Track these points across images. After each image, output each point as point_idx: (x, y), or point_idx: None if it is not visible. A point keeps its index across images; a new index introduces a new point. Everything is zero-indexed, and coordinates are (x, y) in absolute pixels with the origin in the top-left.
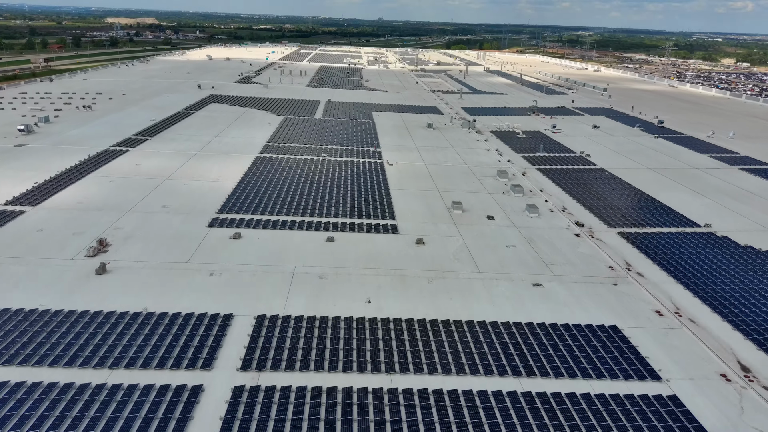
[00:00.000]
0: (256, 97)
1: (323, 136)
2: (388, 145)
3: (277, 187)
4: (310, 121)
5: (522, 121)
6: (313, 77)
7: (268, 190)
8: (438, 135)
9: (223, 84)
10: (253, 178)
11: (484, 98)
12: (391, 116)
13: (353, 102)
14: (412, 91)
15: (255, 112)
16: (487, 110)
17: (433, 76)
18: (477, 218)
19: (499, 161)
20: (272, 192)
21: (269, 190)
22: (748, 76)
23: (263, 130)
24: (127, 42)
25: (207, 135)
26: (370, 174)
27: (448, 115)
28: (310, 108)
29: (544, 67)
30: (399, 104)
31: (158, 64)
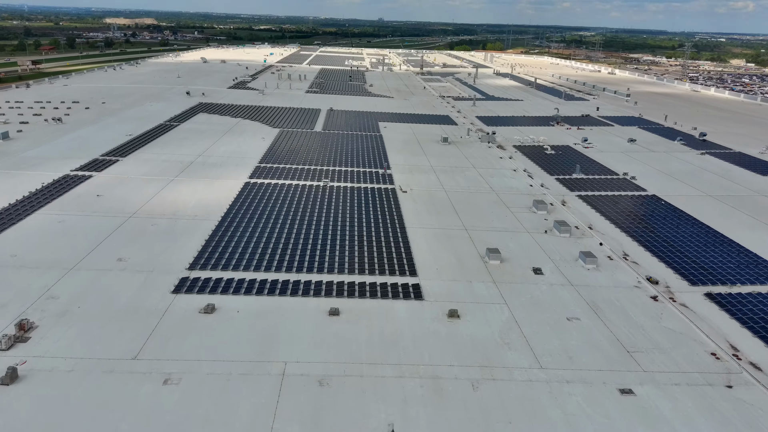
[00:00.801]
0: (250, 105)
1: (324, 154)
2: (400, 164)
3: (267, 228)
4: (309, 134)
5: (546, 133)
6: (313, 82)
7: (256, 233)
8: (455, 151)
9: (215, 90)
10: (239, 215)
11: (499, 105)
12: (399, 127)
13: (357, 110)
14: (420, 97)
15: (247, 124)
16: (504, 120)
17: (440, 80)
18: (521, 272)
19: (531, 186)
20: (260, 235)
21: (257, 233)
22: (762, 78)
23: (255, 147)
24: (123, 43)
25: (189, 154)
26: (381, 205)
27: (464, 126)
28: (309, 118)
29: (554, 69)
30: (407, 113)
31: (149, 66)
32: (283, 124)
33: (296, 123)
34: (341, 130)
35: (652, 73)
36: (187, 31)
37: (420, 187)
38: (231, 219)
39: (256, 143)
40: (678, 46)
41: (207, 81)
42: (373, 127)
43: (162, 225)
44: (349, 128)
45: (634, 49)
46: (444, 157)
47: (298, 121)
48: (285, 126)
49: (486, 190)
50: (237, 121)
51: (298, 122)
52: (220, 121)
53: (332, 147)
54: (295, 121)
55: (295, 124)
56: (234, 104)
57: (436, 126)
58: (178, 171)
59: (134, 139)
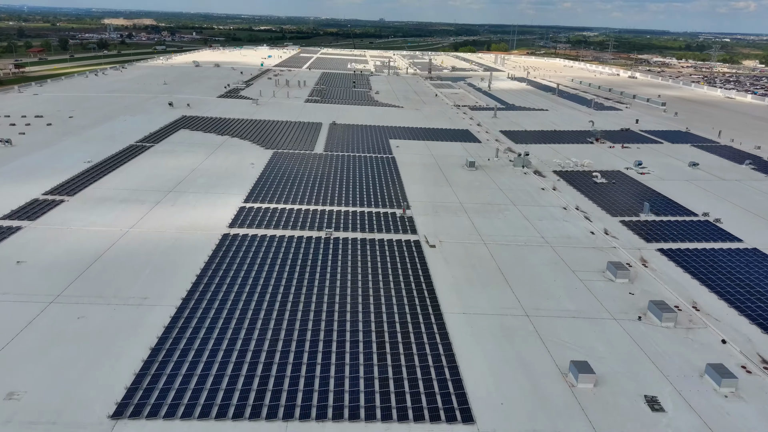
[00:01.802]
0: (240, 119)
1: (326, 187)
2: (421, 201)
3: (241, 329)
4: (308, 158)
5: (588, 154)
6: (314, 88)
7: (224, 340)
8: (485, 179)
9: (203, 99)
10: (206, 296)
11: (522, 116)
12: (414, 147)
13: (364, 125)
14: (433, 106)
15: (235, 145)
16: (534, 135)
17: (452, 86)
18: (629, 407)
19: (592, 233)
20: (231, 344)
21: (225, 340)
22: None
23: (242, 178)
24: (118, 44)
25: (157, 188)
26: (404, 272)
27: (488, 144)
28: (308, 135)
29: (569, 72)
30: (421, 127)
31: (135, 71)
32: (278, 144)
33: (293, 142)
34: (346, 152)
35: (666, 75)
36: (185, 32)
37: (451, 236)
38: (195, 305)
39: (243, 172)
40: (685, 47)
41: (196, 88)
42: (384, 146)
43: (93, 320)
44: (355, 148)
45: (641, 50)
46: (474, 189)
47: (295, 140)
48: (280, 146)
49: (537, 241)
50: (223, 141)
51: (295, 141)
52: (204, 140)
53: (336, 176)
54: (291, 139)
55: (291, 143)
56: (222, 118)
57: (456, 144)
58: (137, 217)
59: (93, 168)
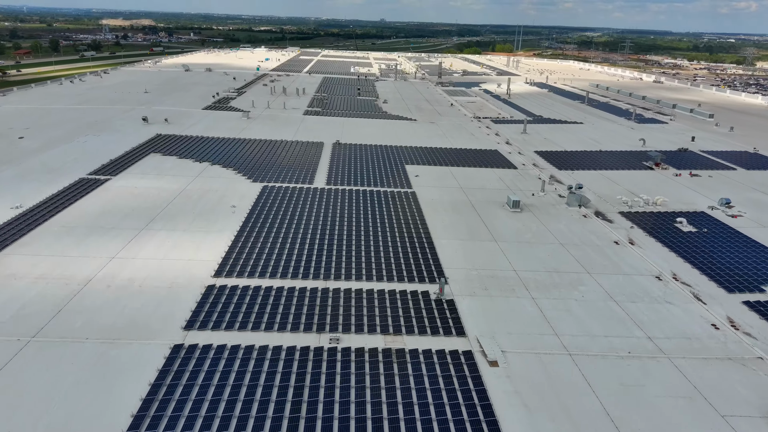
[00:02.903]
0: (226, 138)
1: (328, 246)
2: (460, 268)
3: None
4: (305, 195)
5: (653, 185)
6: (314, 97)
7: None
8: (538, 227)
9: (186, 112)
10: None
11: (556, 131)
12: (437, 175)
13: (373, 144)
14: (450, 118)
15: (215, 176)
16: (576, 157)
17: (467, 93)
18: None
19: (714, 326)
20: None
21: None
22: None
23: (218, 231)
24: (112, 45)
25: (94, 255)
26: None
27: (527, 171)
28: (307, 160)
29: (586, 75)
30: (441, 147)
31: (117, 77)
32: (270, 174)
33: (288, 171)
34: (353, 185)
35: (683, 78)
36: (183, 33)
37: (516, 340)
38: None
39: (221, 222)
40: (692, 48)
41: (180, 98)
42: (399, 175)
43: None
44: (364, 179)
45: (648, 51)
46: (527, 245)
47: (290, 168)
48: (272, 177)
49: (644, 348)
50: (201, 170)
51: (290, 169)
52: (176, 169)
53: (342, 225)
54: (286, 166)
55: (286, 172)
56: (204, 137)
57: (487, 172)
58: (49, 316)
59: (18, 218)
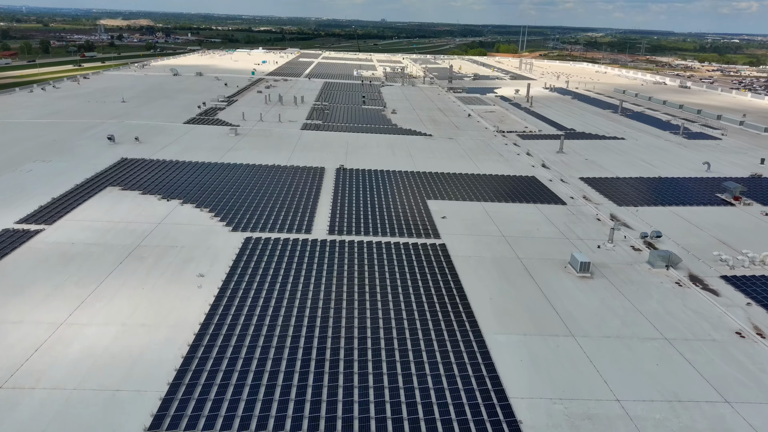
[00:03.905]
0: (206, 163)
1: (334, 340)
2: (534, 396)
3: None
4: (299, 251)
5: (742, 228)
6: (314, 107)
7: None
8: (623, 307)
9: (164, 127)
10: None
11: (598, 150)
12: (469, 215)
13: (384, 170)
14: (470, 131)
15: (184, 223)
16: (634, 187)
17: (483, 100)
18: None
19: None
20: None
21: None
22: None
23: (167, 329)
24: (107, 46)
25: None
26: None
27: (579, 207)
28: (304, 195)
29: (604, 78)
30: (466, 172)
31: (97, 82)
32: (255, 217)
33: (280, 212)
34: (363, 234)
35: (697, 80)
36: (181, 33)
37: None
38: None
39: (177, 310)
40: (699, 48)
41: (161, 108)
42: (420, 214)
43: None
44: (377, 224)
45: (654, 52)
46: (622, 347)
47: (283, 207)
48: (258, 222)
49: None
50: (167, 213)
51: (283, 209)
52: (135, 212)
53: (350, 301)
54: (278, 205)
55: (277, 215)
56: (180, 161)
57: (531, 210)
58: None
59: None
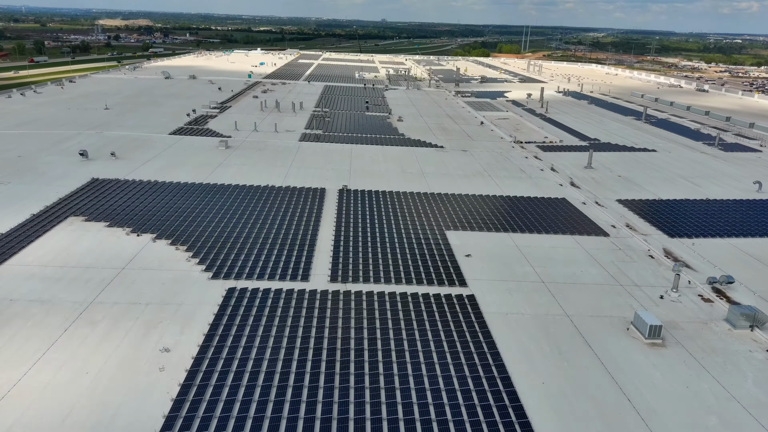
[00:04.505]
0: (189, 184)
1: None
2: None
3: None
4: (294, 307)
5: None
6: (313, 114)
7: None
8: (717, 397)
9: (147, 139)
10: None
11: (628, 164)
12: (497, 250)
13: (393, 191)
14: (484, 142)
15: (153, 268)
16: (681, 212)
17: (494, 106)
18: None
19: None
20: None
21: None
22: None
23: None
24: (103, 46)
25: None
26: None
27: (624, 239)
28: (301, 228)
29: (616, 80)
30: (487, 193)
31: (82, 86)
32: (241, 259)
33: (271, 252)
34: (373, 280)
35: (706, 81)
36: (179, 33)
37: None
38: None
39: (131, 403)
40: (703, 49)
41: (146, 117)
42: (440, 251)
43: None
44: (388, 266)
45: (659, 53)
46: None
47: (275, 244)
48: (244, 266)
49: None
50: (135, 252)
51: (275, 248)
52: (95, 252)
53: (360, 397)
54: (269, 241)
55: (268, 254)
56: (159, 182)
57: (569, 243)
58: None
59: None
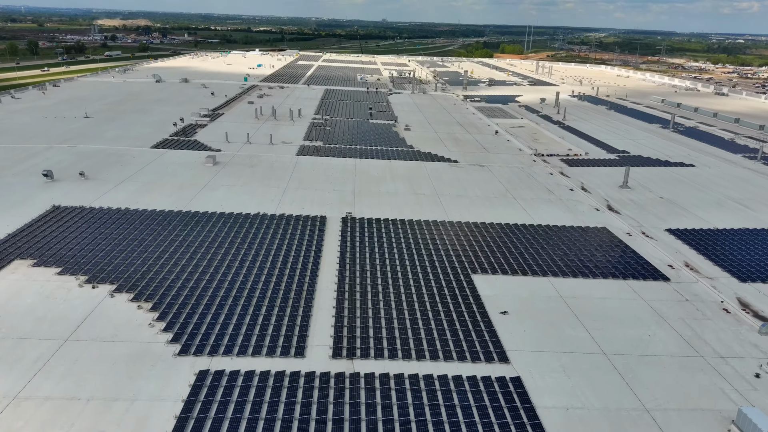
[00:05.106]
0: (166, 212)
1: None
2: None
3: None
4: (286, 404)
5: None
6: (313, 123)
7: None
8: None
9: (125, 154)
10: None
11: (667, 182)
12: (539, 305)
13: (406, 219)
14: (501, 155)
15: (103, 344)
16: (741, 244)
17: (507, 112)
18: None
19: None
20: None
21: None
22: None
23: None
24: (98, 47)
25: None
26: None
27: (693, 289)
28: (296, 269)
29: (629, 83)
30: (514, 222)
31: (66, 91)
32: (216, 326)
33: (257, 313)
34: (388, 356)
35: (712, 82)
36: (177, 33)
37: None
38: None
39: None
40: (707, 49)
41: (128, 126)
42: (468, 305)
43: None
44: (406, 335)
45: (664, 53)
46: None
47: (263, 300)
48: (221, 338)
49: None
50: (87, 314)
51: (261, 307)
52: (37, 313)
53: None
54: (254, 297)
55: (252, 320)
56: (131, 210)
57: (622, 290)
58: None
59: None
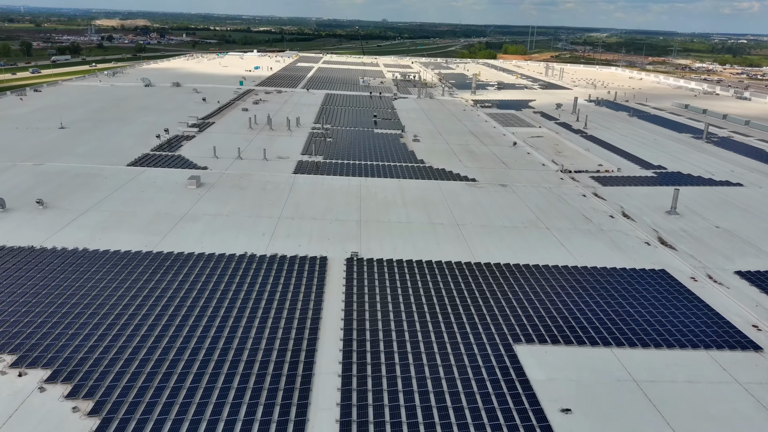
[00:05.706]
0: (131, 252)
1: None
2: None
3: None
4: None
5: None
6: (312, 134)
7: None
8: None
9: (96, 174)
10: None
11: (718, 205)
12: (597, 381)
13: (423, 260)
14: (525, 172)
15: None
16: None
17: (523, 120)
18: None
19: None
20: None
21: None
22: None
23: None
24: (94, 48)
25: None
26: None
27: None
28: (289, 339)
29: (643, 86)
30: (551, 263)
31: (46, 97)
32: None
33: (237, 410)
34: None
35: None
36: (176, 34)
37: None
38: None
39: None
40: (710, 49)
41: (107, 138)
42: (516, 396)
43: None
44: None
45: (668, 54)
46: None
47: (245, 390)
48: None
49: None
50: (4, 420)
51: (243, 399)
52: None
53: None
54: (234, 382)
55: (228, 423)
56: (89, 250)
57: (704, 366)
58: None
59: None
